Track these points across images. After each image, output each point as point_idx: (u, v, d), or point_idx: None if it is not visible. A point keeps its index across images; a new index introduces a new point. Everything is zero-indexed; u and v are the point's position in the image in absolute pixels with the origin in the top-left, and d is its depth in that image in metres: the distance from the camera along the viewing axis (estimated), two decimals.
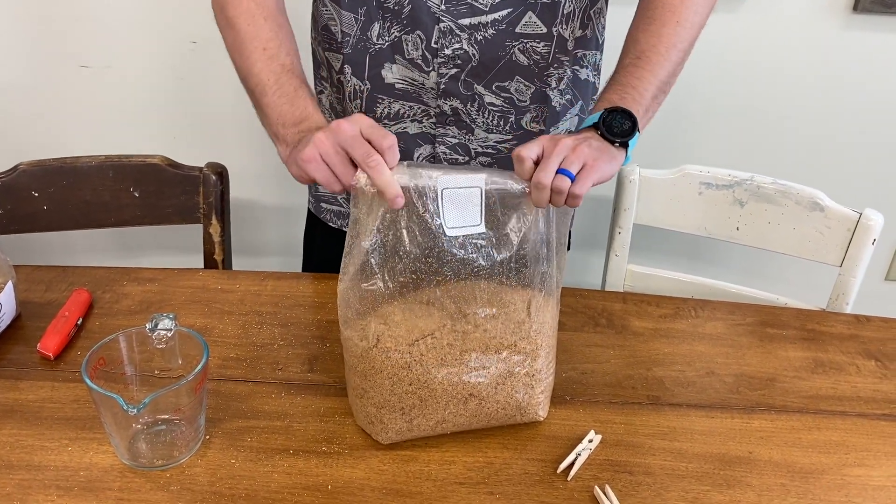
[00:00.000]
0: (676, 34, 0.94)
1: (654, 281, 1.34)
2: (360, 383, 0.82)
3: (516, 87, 1.03)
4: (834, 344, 1.06)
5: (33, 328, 0.98)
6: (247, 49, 0.91)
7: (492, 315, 0.80)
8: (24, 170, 1.24)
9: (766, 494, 0.81)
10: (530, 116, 1.06)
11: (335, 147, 0.77)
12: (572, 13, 1.00)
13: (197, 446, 0.82)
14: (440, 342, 0.79)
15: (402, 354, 0.78)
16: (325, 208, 1.20)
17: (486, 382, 0.81)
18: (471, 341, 0.79)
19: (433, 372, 0.79)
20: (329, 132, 0.77)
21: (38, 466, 0.79)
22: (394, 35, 0.99)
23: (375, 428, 0.83)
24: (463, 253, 0.78)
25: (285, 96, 0.88)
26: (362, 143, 0.76)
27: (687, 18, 0.95)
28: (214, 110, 1.65)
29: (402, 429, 0.82)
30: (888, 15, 1.52)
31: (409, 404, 0.80)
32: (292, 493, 0.77)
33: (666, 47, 0.93)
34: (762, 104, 1.63)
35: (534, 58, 1.01)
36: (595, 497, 0.79)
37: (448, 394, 0.80)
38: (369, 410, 0.82)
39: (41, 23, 1.55)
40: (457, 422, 0.83)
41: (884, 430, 0.91)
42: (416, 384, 0.79)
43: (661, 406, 0.92)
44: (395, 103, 1.03)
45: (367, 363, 0.80)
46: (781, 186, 1.25)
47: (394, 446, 0.83)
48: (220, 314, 1.03)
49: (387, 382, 0.80)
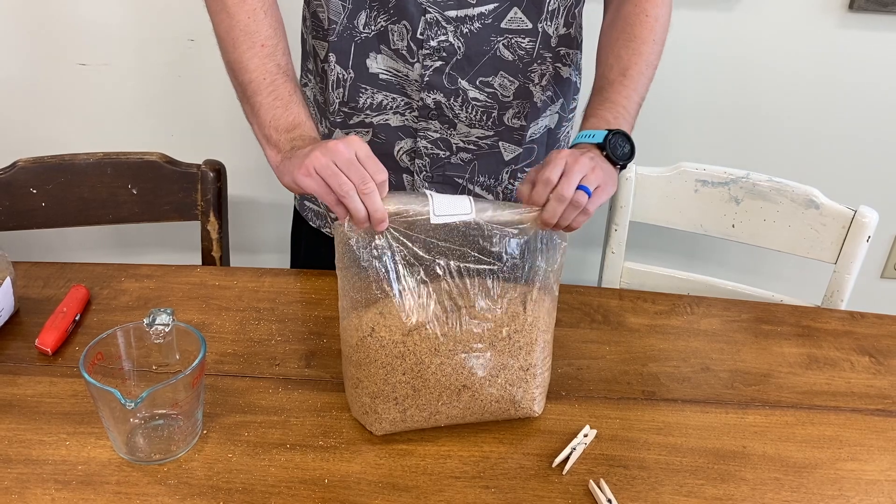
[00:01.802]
0: (653, 52, 0.99)
1: (651, 278, 1.35)
2: (355, 373, 0.83)
3: (500, 83, 1.03)
4: (828, 340, 1.06)
5: (31, 324, 0.99)
6: (243, 42, 0.91)
7: (487, 308, 0.81)
8: (22, 167, 1.25)
9: (759, 488, 0.81)
10: (512, 112, 1.06)
11: (331, 167, 0.78)
12: (557, 10, 1.01)
13: (194, 441, 0.82)
14: (434, 333, 0.79)
15: (396, 344, 0.79)
16: (307, 207, 1.21)
17: (480, 374, 0.81)
18: (465, 333, 0.80)
19: (426, 362, 0.80)
20: (326, 151, 0.78)
21: (37, 460, 0.79)
22: (380, 24, 0.99)
23: (370, 418, 0.83)
24: (459, 246, 0.79)
25: (280, 100, 0.88)
26: (358, 168, 0.77)
27: (660, 36, 1.01)
28: (212, 108, 1.65)
29: (396, 419, 0.83)
30: (883, 13, 1.52)
31: (402, 394, 0.81)
32: (289, 487, 0.78)
33: (646, 65, 0.98)
34: (758, 102, 1.63)
35: (518, 53, 1.02)
36: (590, 491, 0.79)
37: (441, 384, 0.81)
38: (364, 401, 0.83)
39: (39, 21, 1.55)
40: (450, 414, 0.83)
41: (877, 425, 0.91)
42: (409, 374, 0.80)
43: (656, 401, 0.93)
44: (378, 94, 1.03)
45: (362, 353, 0.81)
46: (777, 184, 1.25)
47: (390, 440, 0.84)
48: (218, 310, 1.03)
49: (381, 372, 0.80)
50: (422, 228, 0.78)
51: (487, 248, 0.80)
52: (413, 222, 0.78)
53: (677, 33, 1.55)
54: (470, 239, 0.80)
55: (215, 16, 0.94)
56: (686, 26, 1.55)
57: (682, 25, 1.55)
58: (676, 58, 1.58)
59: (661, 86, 1.60)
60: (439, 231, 0.79)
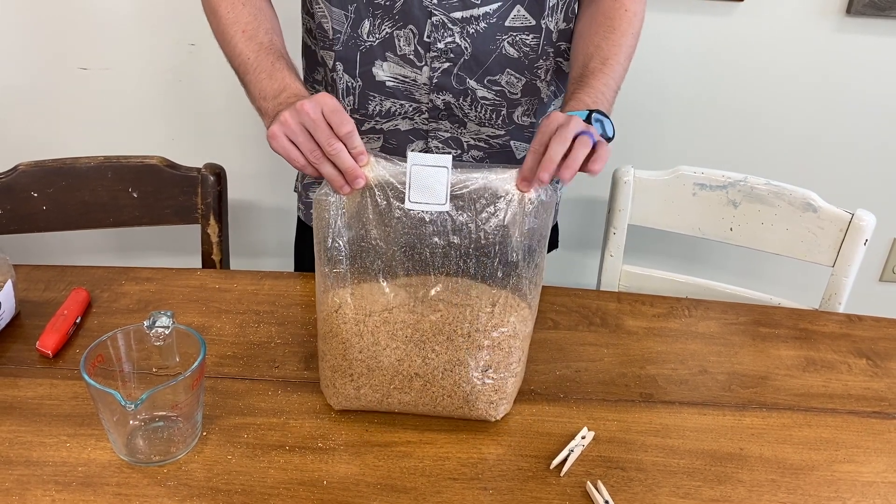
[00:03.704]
0: (631, 45, 1.01)
1: (649, 281, 1.35)
2: (321, 346, 0.86)
3: (507, 80, 1.04)
4: (826, 343, 1.07)
5: (32, 326, 0.99)
6: (228, 33, 0.96)
7: (452, 303, 0.82)
8: (23, 170, 1.25)
9: (756, 490, 0.82)
10: (521, 110, 1.08)
11: (299, 127, 0.80)
12: (556, 6, 1.03)
13: (194, 442, 0.83)
14: (395, 318, 0.82)
15: (357, 323, 0.82)
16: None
17: (433, 365, 0.83)
18: (425, 323, 0.82)
19: (382, 343, 0.82)
20: (294, 112, 0.80)
21: (37, 462, 0.80)
22: (385, 31, 1.00)
23: (329, 391, 0.87)
24: (436, 241, 0.80)
25: (264, 72, 0.91)
26: (325, 128, 0.79)
27: (637, 30, 1.02)
28: (212, 112, 1.66)
29: (351, 395, 0.85)
30: (881, 18, 1.53)
31: (357, 372, 0.84)
32: (288, 489, 0.78)
33: (625, 56, 0.99)
34: (756, 105, 1.64)
35: (523, 50, 1.03)
36: (587, 493, 0.80)
37: (394, 368, 0.83)
38: (326, 374, 0.87)
39: (41, 25, 1.56)
40: (403, 400, 0.85)
41: (874, 427, 0.92)
42: (364, 353, 0.82)
43: (654, 403, 0.93)
44: (386, 101, 1.05)
45: (327, 327, 0.84)
46: (775, 187, 1.26)
47: (389, 443, 0.84)
48: (218, 313, 1.04)
49: (340, 347, 0.83)
50: (395, 215, 0.80)
51: (459, 242, 0.80)
52: (386, 208, 0.80)
53: (676, 37, 1.56)
54: (443, 229, 0.80)
55: (208, 18, 1.01)
56: (685, 30, 1.56)
57: (681, 29, 1.56)
58: (674, 62, 1.59)
59: (660, 89, 1.62)
60: (413, 219, 0.80)
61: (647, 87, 1.60)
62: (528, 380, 0.94)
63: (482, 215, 0.80)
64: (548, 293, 1.10)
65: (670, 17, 1.54)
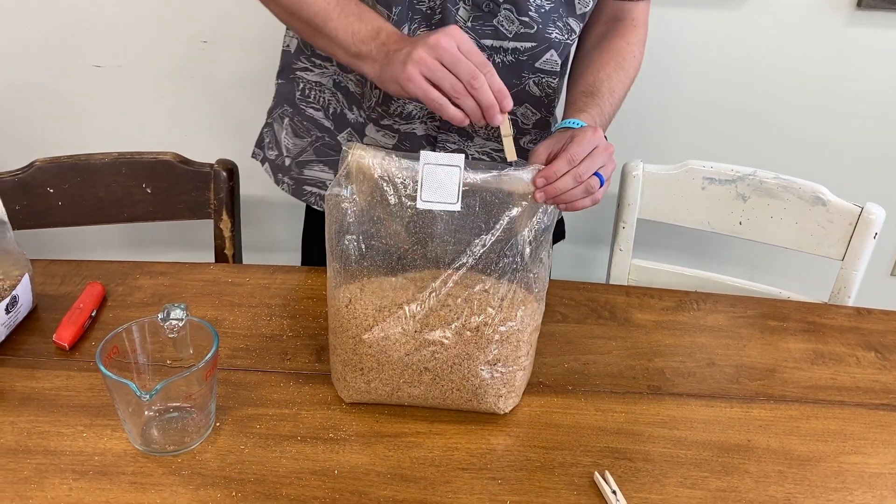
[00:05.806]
0: (631, 82, 1.04)
1: (658, 275, 1.35)
2: (333, 340, 0.87)
3: (523, 112, 1.06)
4: (834, 336, 1.07)
5: (49, 319, 1.01)
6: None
7: (461, 296, 0.83)
8: (39, 167, 1.27)
9: (763, 480, 0.82)
10: (529, 138, 1.09)
11: (436, 64, 0.78)
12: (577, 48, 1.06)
13: (207, 433, 0.84)
14: (404, 312, 0.83)
15: (367, 317, 0.83)
16: (307, 191, 1.18)
17: (442, 359, 0.83)
18: (433, 317, 0.82)
19: (392, 338, 0.83)
20: (429, 49, 0.78)
21: (55, 451, 0.81)
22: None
23: (340, 385, 0.88)
24: (446, 237, 0.81)
25: (353, 15, 0.88)
26: (466, 63, 0.77)
27: (634, 77, 1.05)
28: (225, 108, 1.67)
29: (361, 389, 0.87)
30: (892, 11, 1.52)
31: (367, 366, 0.85)
32: (300, 478, 0.80)
33: (625, 91, 1.02)
34: (765, 100, 1.64)
35: (546, 91, 1.04)
36: (595, 483, 0.81)
37: (404, 362, 0.84)
38: (337, 367, 0.88)
39: (55, 24, 1.58)
40: (412, 393, 0.86)
41: (881, 419, 0.92)
42: (374, 347, 0.83)
43: (662, 395, 0.94)
44: (409, 104, 1.05)
45: (338, 322, 0.85)
46: (784, 181, 1.26)
47: (399, 434, 0.85)
48: (231, 306, 1.05)
49: (350, 342, 0.84)
50: (406, 213, 0.80)
51: (470, 238, 0.82)
52: (397, 204, 0.80)
53: (685, 31, 1.56)
54: (452, 226, 0.81)
55: None
56: (694, 25, 1.55)
57: (690, 24, 1.55)
58: (684, 56, 1.59)
59: (669, 84, 1.62)
60: (424, 216, 0.81)
61: (657, 81, 1.60)
62: (536, 372, 0.95)
63: (492, 211, 0.81)
64: (557, 287, 1.11)
65: (680, 11, 1.54)
